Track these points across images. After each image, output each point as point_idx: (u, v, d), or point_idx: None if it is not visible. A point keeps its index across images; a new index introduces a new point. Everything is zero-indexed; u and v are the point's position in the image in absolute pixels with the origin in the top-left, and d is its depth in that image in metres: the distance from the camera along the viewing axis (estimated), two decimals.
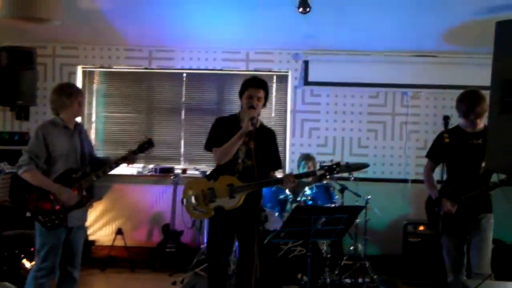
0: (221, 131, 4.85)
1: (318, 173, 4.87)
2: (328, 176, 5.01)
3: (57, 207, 4.79)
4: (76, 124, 5.05)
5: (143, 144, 5.18)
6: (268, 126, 5.20)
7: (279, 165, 5.11)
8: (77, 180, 4.89)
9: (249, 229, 4.69)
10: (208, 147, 4.93)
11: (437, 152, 5.12)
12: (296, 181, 4.84)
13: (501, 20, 2.98)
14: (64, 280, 5.01)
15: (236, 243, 5.31)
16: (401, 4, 6.28)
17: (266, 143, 4.89)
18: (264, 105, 4.93)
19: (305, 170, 6.80)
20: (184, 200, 4.91)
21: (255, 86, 4.82)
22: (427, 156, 5.36)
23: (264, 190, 5.75)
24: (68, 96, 4.89)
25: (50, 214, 4.78)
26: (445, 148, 4.76)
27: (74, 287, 5.09)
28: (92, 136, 8.14)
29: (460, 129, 5.10)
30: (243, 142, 4.74)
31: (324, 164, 4.88)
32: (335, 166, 4.85)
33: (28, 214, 4.83)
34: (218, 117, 5.14)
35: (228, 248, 4.97)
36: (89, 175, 4.96)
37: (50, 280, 4.90)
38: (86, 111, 8.11)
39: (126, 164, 5.13)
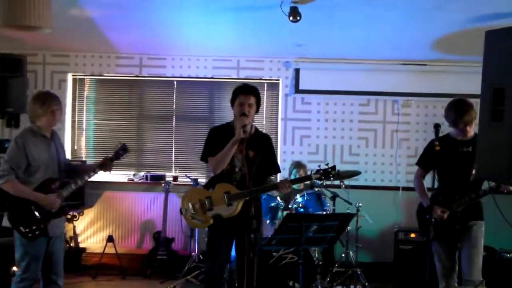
0: (216, 140, 4.83)
1: (314, 176, 4.84)
2: (323, 179, 4.95)
3: (38, 216, 4.75)
4: (52, 132, 5.02)
5: (118, 150, 5.16)
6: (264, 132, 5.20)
7: (277, 169, 5.08)
8: (56, 190, 4.84)
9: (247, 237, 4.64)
10: (204, 157, 4.91)
11: (427, 160, 5.14)
12: (292, 186, 4.83)
13: (490, 29, 3.00)
14: None
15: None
16: (391, 13, 6.29)
17: (262, 149, 4.87)
18: (257, 111, 4.91)
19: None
20: (183, 209, 4.89)
21: (245, 93, 4.81)
22: (417, 163, 5.38)
23: None
24: (41, 105, 4.84)
25: (31, 225, 4.72)
26: (436, 156, 4.78)
27: None
28: (83, 143, 8.13)
29: (450, 137, 5.11)
30: (239, 150, 4.73)
31: (319, 168, 4.86)
32: (330, 169, 4.83)
33: (6, 223, 4.77)
34: (213, 126, 5.12)
35: (225, 257, 4.93)
36: (68, 184, 4.91)
37: None
38: (76, 118, 8.13)
39: (103, 171, 5.12)
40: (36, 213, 4.74)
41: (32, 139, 4.79)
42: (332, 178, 4.91)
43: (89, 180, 5.04)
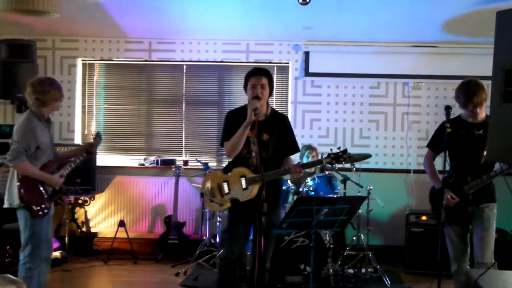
0: (232, 124, 4.78)
1: (325, 161, 4.81)
2: (334, 163, 4.90)
3: (45, 195, 4.90)
4: (48, 116, 5.11)
5: (93, 139, 5.36)
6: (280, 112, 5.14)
7: (296, 148, 5.03)
8: (57, 170, 5.02)
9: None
10: (222, 143, 4.91)
11: (438, 142, 5.09)
12: (303, 171, 4.81)
13: (502, 9, 2.97)
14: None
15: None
16: None
17: (278, 130, 4.84)
18: (271, 93, 4.86)
19: (310, 159, 6.82)
20: (203, 192, 4.94)
21: (256, 75, 4.77)
22: (428, 146, 5.33)
23: None
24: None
25: (41, 203, 4.85)
26: (447, 139, 4.74)
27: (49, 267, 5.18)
28: (93, 128, 8.15)
29: (461, 119, 5.06)
30: (254, 134, 4.69)
31: (331, 152, 4.82)
32: (341, 153, 4.76)
33: (16, 204, 4.82)
34: (229, 111, 5.06)
35: (243, 240, 4.90)
36: (67, 164, 5.08)
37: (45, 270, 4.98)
38: (86, 103, 8.16)
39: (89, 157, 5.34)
40: (44, 192, 4.90)
41: (38, 124, 4.88)
42: (343, 162, 4.87)
43: (98, 165, 5.14)
